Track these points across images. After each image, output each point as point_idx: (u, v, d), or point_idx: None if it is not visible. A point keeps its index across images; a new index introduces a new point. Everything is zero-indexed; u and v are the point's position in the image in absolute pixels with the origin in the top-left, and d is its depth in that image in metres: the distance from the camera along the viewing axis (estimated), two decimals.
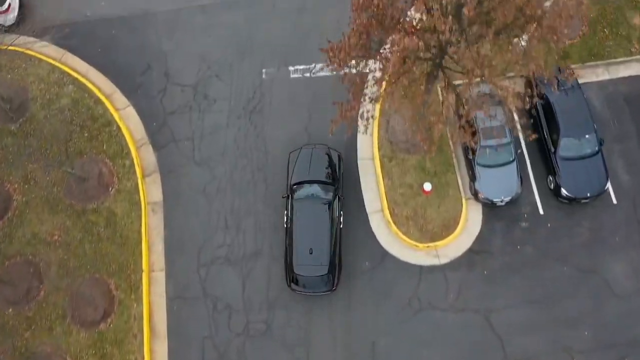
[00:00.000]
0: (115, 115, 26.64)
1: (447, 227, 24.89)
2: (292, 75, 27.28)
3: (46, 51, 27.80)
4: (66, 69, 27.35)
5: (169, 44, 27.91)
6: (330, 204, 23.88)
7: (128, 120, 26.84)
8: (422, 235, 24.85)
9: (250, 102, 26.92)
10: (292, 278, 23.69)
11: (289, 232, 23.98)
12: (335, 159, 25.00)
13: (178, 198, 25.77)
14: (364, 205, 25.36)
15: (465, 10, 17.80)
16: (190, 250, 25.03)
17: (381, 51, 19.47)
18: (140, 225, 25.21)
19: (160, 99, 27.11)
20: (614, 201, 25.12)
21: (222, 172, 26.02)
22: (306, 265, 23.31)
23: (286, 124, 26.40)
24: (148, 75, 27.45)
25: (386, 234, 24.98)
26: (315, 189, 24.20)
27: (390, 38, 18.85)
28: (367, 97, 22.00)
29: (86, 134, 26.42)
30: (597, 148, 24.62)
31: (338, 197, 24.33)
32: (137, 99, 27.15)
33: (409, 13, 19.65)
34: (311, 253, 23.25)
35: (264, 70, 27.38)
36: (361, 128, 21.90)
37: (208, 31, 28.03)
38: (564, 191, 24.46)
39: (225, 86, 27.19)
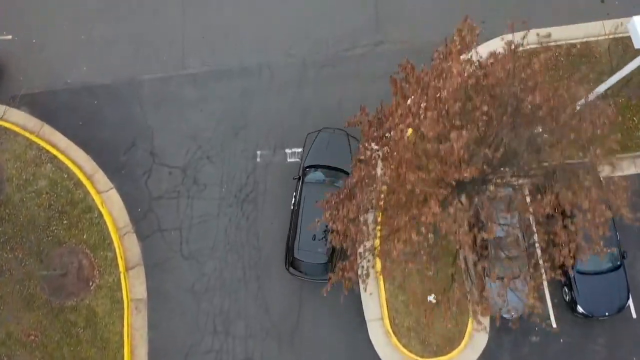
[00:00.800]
0: (97, 200, 24.59)
1: (452, 341, 23.15)
2: (289, 160, 25.05)
3: (23, 123, 25.52)
4: (44, 144, 25.13)
5: (155, 117, 25.59)
6: None
7: (111, 205, 24.80)
8: (424, 349, 23.12)
9: (242, 190, 24.81)
10: (291, 262, 22.87)
11: (294, 214, 23.03)
12: (354, 147, 23.55)
13: (164, 296, 23.95)
14: (362, 312, 23.58)
15: None
16: (176, 356, 23.37)
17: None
18: (123, 326, 23.48)
19: (145, 182, 24.99)
20: (634, 315, 23.29)
21: (211, 268, 24.14)
22: (308, 251, 22.60)
23: (281, 216, 24.33)
24: (133, 154, 25.25)
25: (385, 345, 23.24)
26: (328, 174, 23.44)
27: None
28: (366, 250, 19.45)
29: (65, 221, 24.43)
30: (618, 262, 22.62)
31: None
32: (121, 181, 25.02)
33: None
34: (314, 239, 22.49)
35: (258, 153, 25.15)
36: (361, 285, 19.42)
37: (199, 105, 25.65)
38: (579, 308, 22.59)
39: (216, 170, 25.02)
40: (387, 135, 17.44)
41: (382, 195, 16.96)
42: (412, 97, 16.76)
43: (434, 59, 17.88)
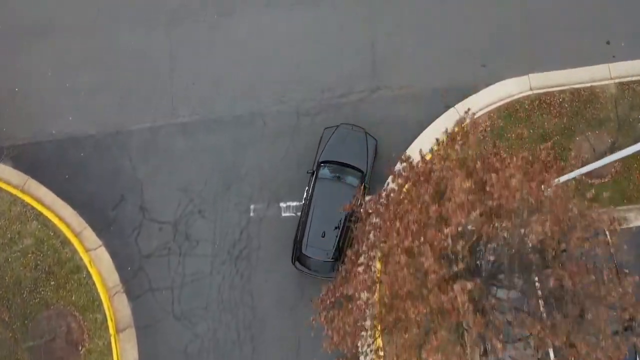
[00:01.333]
0: (85, 259, 23.69)
1: None
2: (283, 214, 24.15)
3: (7, 177, 24.57)
4: (30, 200, 24.17)
5: (145, 170, 24.62)
6: (353, 191, 22.10)
7: (100, 264, 23.91)
8: None
9: (236, 246, 23.91)
10: (298, 257, 22.54)
11: (305, 209, 22.82)
12: (371, 147, 23.40)
13: (155, 359, 23.23)
14: None
15: None
16: None
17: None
18: None
19: (135, 238, 24.08)
20: None
21: (204, 330, 23.32)
22: (316, 248, 22.32)
23: (275, 274, 23.52)
24: (122, 209, 24.31)
25: None
26: (343, 171, 23.06)
27: None
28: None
29: (53, 282, 23.56)
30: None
31: (364, 185, 22.80)
32: (110, 238, 24.11)
33: None
34: (323, 236, 22.25)
35: (252, 207, 24.23)
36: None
37: (190, 156, 24.66)
38: None
39: (208, 225, 24.10)
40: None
41: (380, 313, 16.13)
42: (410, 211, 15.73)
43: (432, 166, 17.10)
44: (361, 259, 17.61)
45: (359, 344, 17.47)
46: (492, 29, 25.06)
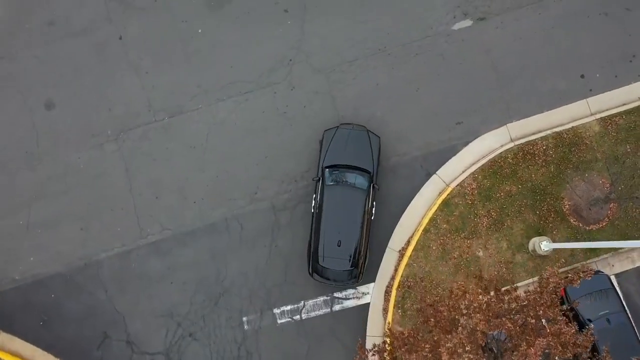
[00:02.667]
0: None
1: None
2: (279, 321, 22.80)
3: None
4: (6, 356, 22.40)
5: (124, 301, 22.89)
6: (364, 193, 21.72)
7: None
8: None
9: None
10: (314, 268, 22.08)
11: (316, 219, 22.03)
12: (374, 144, 22.49)
13: None
14: None
15: None
16: None
17: None
18: None
19: None
20: None
21: None
22: (333, 258, 21.69)
23: None
24: (107, 347, 22.66)
25: None
26: (350, 174, 22.27)
27: None
28: None
29: None
30: None
31: (373, 185, 22.18)
32: None
33: None
34: (339, 245, 21.63)
35: (244, 319, 22.80)
36: None
37: (168, 276, 22.98)
38: None
39: (203, 347, 22.62)
40: None
41: None
42: None
43: None
44: None
45: None
46: (461, 85, 23.60)
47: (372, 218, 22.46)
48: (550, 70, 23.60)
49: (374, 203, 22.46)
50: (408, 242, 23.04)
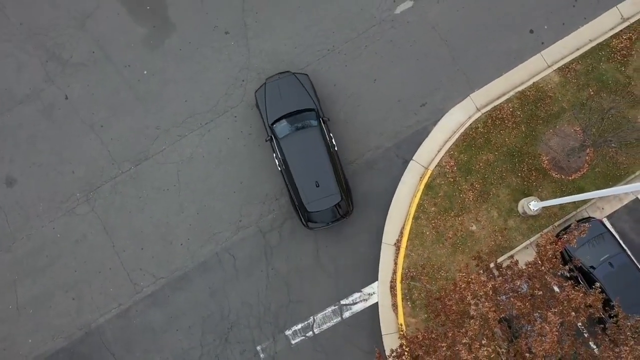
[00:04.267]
0: None
1: None
2: (293, 342, 22.52)
3: None
4: None
5: (134, 359, 22.48)
6: (317, 129, 21.78)
7: None
8: None
9: None
10: (307, 217, 22.01)
11: (286, 174, 22.02)
12: (305, 82, 22.51)
13: None
14: None
15: None
16: None
17: None
18: None
19: None
20: None
21: None
22: (318, 200, 21.67)
23: None
24: None
25: None
26: (297, 119, 22.16)
27: None
28: None
29: None
30: None
31: (322, 119, 22.20)
32: None
33: None
34: (318, 186, 21.68)
35: (258, 348, 22.46)
36: None
37: (171, 324, 22.54)
38: None
39: None
40: None
41: None
42: None
43: None
44: None
45: None
46: (417, 66, 23.41)
47: (336, 149, 22.42)
48: (499, 32, 23.57)
49: (331, 135, 22.44)
50: (401, 233, 22.92)
